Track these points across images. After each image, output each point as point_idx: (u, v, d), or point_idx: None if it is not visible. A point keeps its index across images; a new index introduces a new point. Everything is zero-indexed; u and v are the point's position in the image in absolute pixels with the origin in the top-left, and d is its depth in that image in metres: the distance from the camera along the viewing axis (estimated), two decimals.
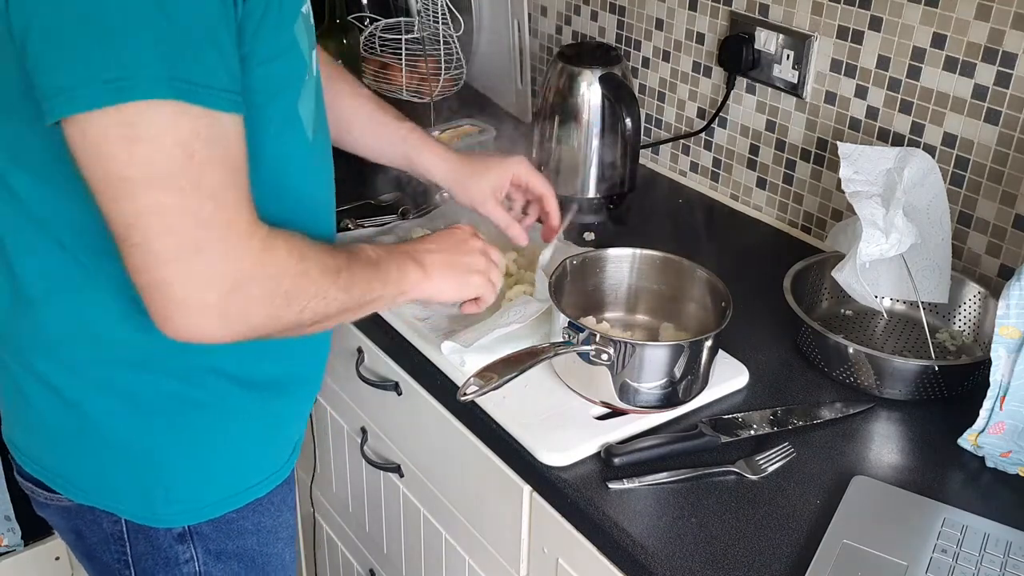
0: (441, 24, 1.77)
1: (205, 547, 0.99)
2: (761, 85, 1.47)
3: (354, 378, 1.32)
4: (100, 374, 0.89)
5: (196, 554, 0.98)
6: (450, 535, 1.26)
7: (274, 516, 1.04)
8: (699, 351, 1.03)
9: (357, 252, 0.92)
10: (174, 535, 0.97)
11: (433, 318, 1.20)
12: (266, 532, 1.03)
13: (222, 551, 1.00)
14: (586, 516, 0.96)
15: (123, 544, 0.98)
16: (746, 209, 1.55)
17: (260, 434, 0.99)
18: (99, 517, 0.97)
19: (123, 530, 0.97)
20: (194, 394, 0.92)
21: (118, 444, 0.92)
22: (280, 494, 1.04)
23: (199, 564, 0.99)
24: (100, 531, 0.98)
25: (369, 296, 0.92)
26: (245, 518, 1.00)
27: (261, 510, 1.02)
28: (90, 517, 0.98)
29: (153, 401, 0.91)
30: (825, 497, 0.96)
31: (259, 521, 1.02)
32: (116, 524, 0.97)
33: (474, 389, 0.98)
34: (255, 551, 1.03)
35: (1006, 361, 0.99)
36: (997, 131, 1.20)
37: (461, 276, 1.04)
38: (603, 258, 1.18)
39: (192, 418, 0.93)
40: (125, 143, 0.70)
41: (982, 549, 0.89)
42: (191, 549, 0.98)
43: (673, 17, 1.57)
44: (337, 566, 1.68)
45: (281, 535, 1.06)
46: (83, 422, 0.91)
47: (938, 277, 1.19)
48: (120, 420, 0.91)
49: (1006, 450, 1.00)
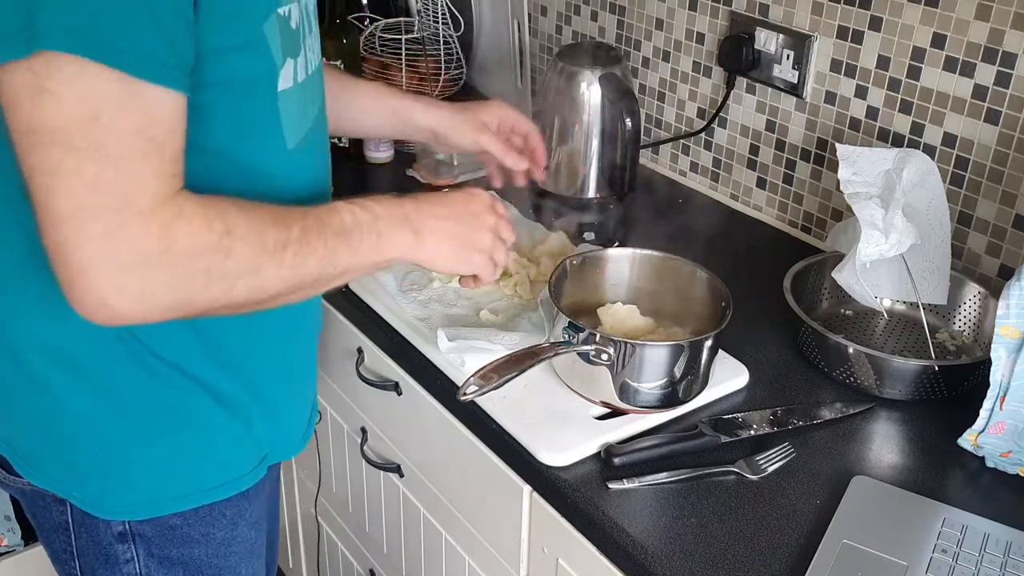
0: (441, 24, 1.77)
1: (147, 550, 0.98)
2: (761, 85, 1.47)
3: (354, 378, 1.32)
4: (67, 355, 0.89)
5: (137, 555, 0.98)
6: (450, 535, 1.26)
7: (227, 529, 1.02)
8: (699, 351, 1.03)
9: (326, 220, 0.86)
10: (114, 533, 0.96)
11: (433, 318, 1.20)
12: (216, 544, 1.01)
13: (166, 557, 0.99)
14: (586, 516, 0.96)
15: (69, 534, 0.98)
16: (746, 209, 1.55)
17: (217, 442, 0.98)
18: (49, 504, 0.97)
19: (68, 520, 0.97)
20: (155, 387, 0.92)
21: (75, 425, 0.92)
22: (236, 506, 1.01)
23: (140, 566, 0.98)
24: (50, 518, 0.99)
25: (332, 268, 0.85)
26: (191, 526, 0.99)
27: (212, 520, 1.00)
28: (42, 503, 0.98)
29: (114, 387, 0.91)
30: (825, 497, 0.96)
31: (208, 532, 1.00)
32: (63, 514, 0.97)
33: (474, 389, 0.98)
34: (203, 562, 1.01)
35: (1006, 361, 0.99)
36: (997, 131, 1.20)
37: (462, 250, 0.97)
38: (603, 258, 1.18)
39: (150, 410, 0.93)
40: (32, 94, 0.69)
41: (982, 549, 0.89)
42: (132, 550, 0.97)
43: (673, 17, 1.57)
44: (337, 566, 1.68)
45: (234, 549, 1.04)
46: (47, 400, 0.91)
47: (937, 278, 1.19)
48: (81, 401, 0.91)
49: (1006, 450, 1.00)
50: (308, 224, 0.84)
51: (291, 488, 1.74)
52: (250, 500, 1.03)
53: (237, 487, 1.00)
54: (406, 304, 1.23)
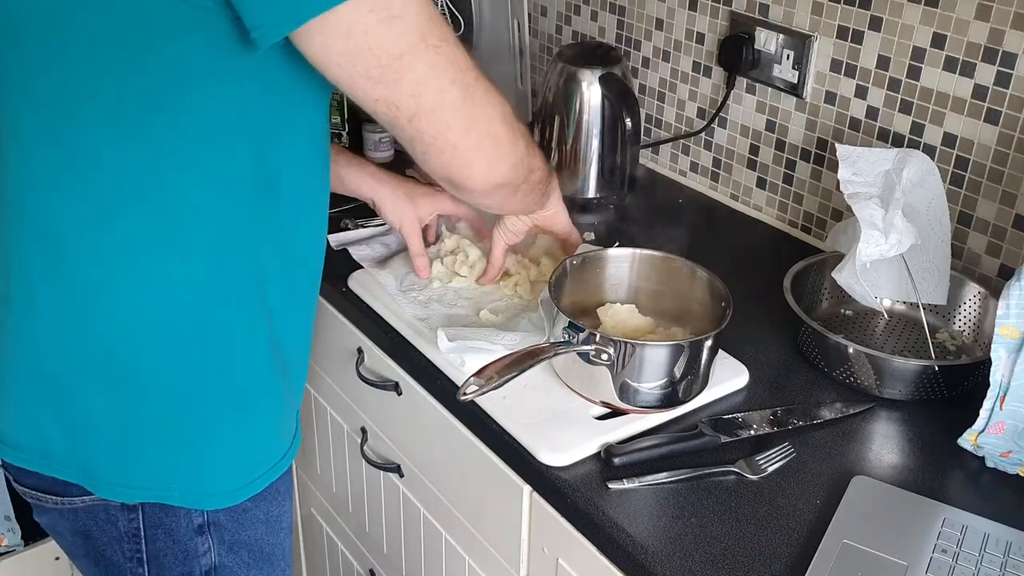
0: None
1: (221, 537, 0.99)
2: (761, 85, 1.47)
3: (354, 378, 1.32)
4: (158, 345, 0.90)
5: (212, 545, 0.99)
6: (450, 535, 1.26)
7: (280, 504, 1.04)
8: (699, 351, 1.03)
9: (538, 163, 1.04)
10: (194, 527, 0.97)
11: (433, 318, 1.20)
12: (273, 521, 1.04)
13: (235, 541, 1.00)
14: (586, 516, 0.96)
15: (138, 541, 0.98)
16: (746, 209, 1.55)
17: (278, 417, 1.00)
18: (114, 515, 0.97)
19: (139, 526, 0.97)
20: (241, 367, 0.94)
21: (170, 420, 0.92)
22: (285, 482, 1.05)
23: (214, 555, 0.99)
24: (114, 529, 0.98)
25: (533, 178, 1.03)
26: (258, 507, 1.01)
27: (270, 498, 1.02)
28: (104, 516, 0.97)
29: (205, 372, 0.92)
30: (825, 497, 0.96)
31: (268, 510, 1.02)
32: (132, 520, 0.97)
33: (474, 389, 0.98)
34: (263, 540, 1.03)
35: (1006, 361, 0.99)
36: (997, 131, 1.20)
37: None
38: (603, 258, 1.18)
39: (238, 392, 0.94)
40: (385, 26, 0.78)
41: (982, 549, 0.89)
42: (209, 540, 0.98)
43: (673, 17, 1.57)
44: (337, 566, 1.68)
45: (284, 524, 1.07)
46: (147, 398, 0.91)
47: (937, 279, 1.19)
48: (175, 393, 0.91)
49: (1006, 450, 1.00)
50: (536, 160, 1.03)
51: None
52: (289, 472, 1.07)
53: (290, 459, 1.04)
54: (406, 304, 1.23)
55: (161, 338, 0.89)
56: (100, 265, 0.86)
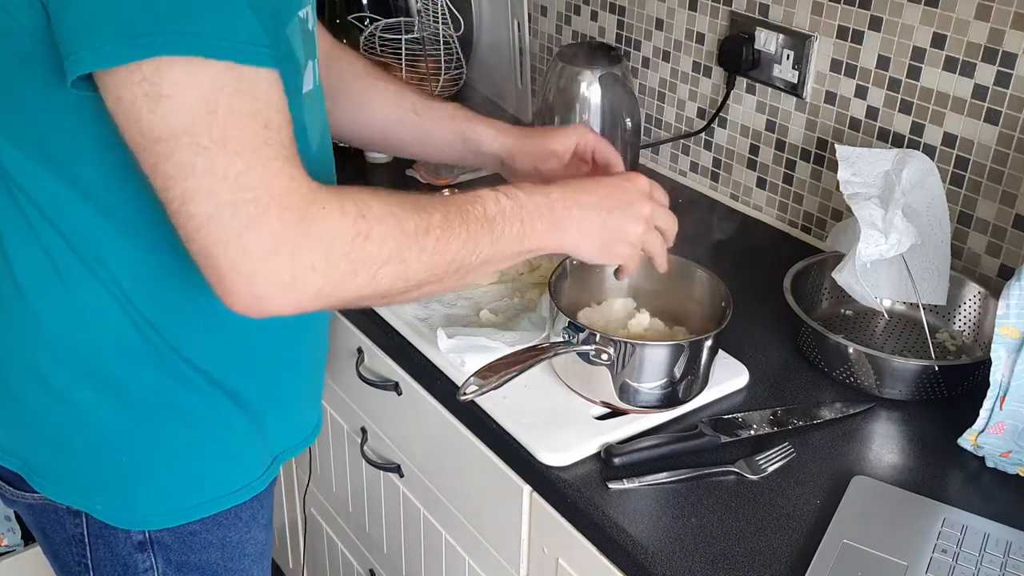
0: (441, 24, 1.77)
1: (166, 557, 0.97)
2: (761, 85, 1.47)
3: (354, 378, 1.32)
4: (93, 367, 0.89)
5: (156, 563, 0.97)
6: (450, 535, 1.26)
7: (241, 532, 1.02)
8: (699, 351, 1.03)
9: (468, 208, 0.84)
10: (134, 543, 0.96)
11: (433, 318, 1.20)
12: (231, 547, 1.01)
13: (183, 563, 0.98)
14: (586, 516, 0.96)
15: (83, 547, 0.97)
16: (746, 209, 1.55)
17: (237, 446, 0.98)
18: (62, 517, 0.96)
19: (84, 533, 0.96)
20: (183, 394, 0.91)
21: (102, 438, 0.91)
22: (250, 509, 1.01)
23: (158, 574, 0.98)
24: (63, 531, 0.97)
25: (474, 257, 0.84)
26: (209, 531, 0.99)
27: (228, 524, 1.00)
28: (54, 516, 0.97)
29: (142, 397, 0.90)
30: (825, 497, 0.96)
31: (225, 536, 1.00)
32: (77, 526, 0.96)
33: (474, 389, 0.98)
34: (218, 566, 1.01)
35: (1006, 361, 0.99)
36: (997, 131, 1.21)
37: (608, 242, 0.94)
38: None
39: (177, 418, 0.92)
40: (150, 102, 0.68)
41: (982, 549, 0.90)
42: (151, 558, 0.97)
43: (673, 17, 1.57)
44: (337, 566, 1.68)
45: (247, 551, 1.04)
46: (71, 415, 0.90)
47: (937, 279, 1.19)
48: (108, 414, 0.90)
49: (1006, 450, 1.00)
50: (450, 211, 0.82)
51: (291, 488, 1.74)
52: (262, 502, 1.04)
53: (254, 489, 1.00)
54: (406, 304, 1.23)
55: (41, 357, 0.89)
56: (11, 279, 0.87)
